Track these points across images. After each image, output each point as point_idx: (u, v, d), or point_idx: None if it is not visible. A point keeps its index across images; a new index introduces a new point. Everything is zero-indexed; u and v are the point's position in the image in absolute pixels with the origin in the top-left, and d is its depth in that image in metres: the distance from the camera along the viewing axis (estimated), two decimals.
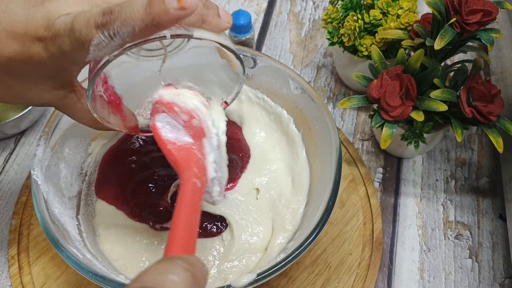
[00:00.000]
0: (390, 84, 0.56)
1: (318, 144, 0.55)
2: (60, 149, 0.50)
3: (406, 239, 0.62)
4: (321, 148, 0.54)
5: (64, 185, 0.50)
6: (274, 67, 0.57)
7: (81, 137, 0.53)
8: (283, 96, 0.59)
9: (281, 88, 0.58)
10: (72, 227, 0.49)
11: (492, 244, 0.62)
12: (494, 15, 0.52)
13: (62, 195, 0.50)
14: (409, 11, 0.62)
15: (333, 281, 0.57)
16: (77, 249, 0.44)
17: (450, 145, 0.70)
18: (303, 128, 0.58)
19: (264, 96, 0.60)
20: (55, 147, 0.50)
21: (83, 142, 0.54)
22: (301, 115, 0.58)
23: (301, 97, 0.56)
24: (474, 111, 0.54)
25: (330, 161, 0.50)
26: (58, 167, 0.50)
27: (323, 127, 0.53)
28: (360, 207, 0.62)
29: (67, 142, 0.51)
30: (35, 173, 0.46)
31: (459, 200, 0.65)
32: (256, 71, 0.58)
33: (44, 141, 0.48)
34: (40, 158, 0.47)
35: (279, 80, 0.57)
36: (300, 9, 0.85)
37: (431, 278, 0.60)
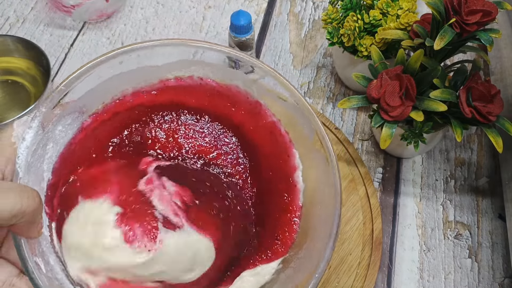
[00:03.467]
0: (390, 84, 0.56)
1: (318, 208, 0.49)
2: (52, 128, 0.46)
3: (405, 239, 0.63)
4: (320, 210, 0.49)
5: (47, 166, 0.46)
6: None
7: (78, 113, 0.49)
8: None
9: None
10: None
11: (491, 244, 0.62)
12: (494, 16, 0.52)
13: (41, 180, 0.46)
14: (409, 11, 0.62)
15: (332, 280, 0.57)
16: (42, 255, 0.41)
17: (449, 145, 0.70)
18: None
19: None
20: (48, 126, 0.45)
21: (79, 118, 0.50)
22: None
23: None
24: (474, 111, 0.54)
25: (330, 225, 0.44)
26: (45, 149, 0.46)
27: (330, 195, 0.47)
28: (360, 207, 0.62)
29: (62, 120, 0.47)
30: (19, 162, 0.41)
31: (459, 200, 0.66)
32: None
33: (38, 123, 0.43)
34: (29, 144, 0.42)
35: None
36: (300, 10, 0.85)
37: (431, 277, 0.60)
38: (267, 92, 0.52)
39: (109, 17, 0.83)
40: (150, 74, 0.53)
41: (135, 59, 0.50)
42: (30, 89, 0.72)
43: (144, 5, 0.85)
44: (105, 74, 0.49)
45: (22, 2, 0.85)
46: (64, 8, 0.78)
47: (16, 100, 0.72)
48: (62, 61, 0.78)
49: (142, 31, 0.82)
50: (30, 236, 0.37)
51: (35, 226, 0.36)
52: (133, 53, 0.49)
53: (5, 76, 0.74)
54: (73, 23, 0.82)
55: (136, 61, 0.50)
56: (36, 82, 0.73)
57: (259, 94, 0.52)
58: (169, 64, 0.52)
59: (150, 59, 0.51)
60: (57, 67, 0.77)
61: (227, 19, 0.83)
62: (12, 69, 0.74)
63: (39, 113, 0.43)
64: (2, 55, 0.74)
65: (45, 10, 0.84)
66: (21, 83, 0.73)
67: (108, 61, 0.48)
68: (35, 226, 0.36)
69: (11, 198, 0.32)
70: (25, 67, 0.74)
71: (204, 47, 0.51)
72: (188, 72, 0.53)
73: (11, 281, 0.36)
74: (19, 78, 0.74)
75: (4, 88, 0.73)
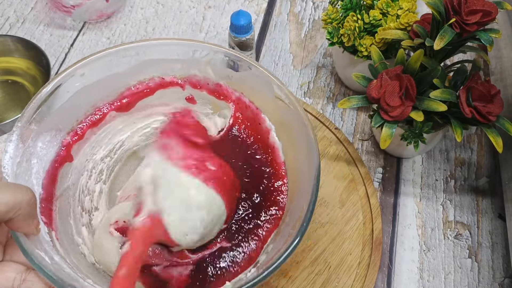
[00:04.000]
0: (390, 84, 0.56)
1: (298, 158, 0.52)
2: (33, 144, 0.48)
3: (405, 239, 0.63)
4: (300, 162, 0.51)
5: (36, 181, 0.48)
6: (260, 73, 0.54)
7: (55, 131, 0.51)
8: (266, 102, 0.55)
9: (265, 95, 0.55)
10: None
11: (491, 243, 0.62)
12: (494, 16, 0.52)
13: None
14: (409, 12, 0.62)
15: (332, 280, 0.57)
16: (45, 252, 0.42)
17: (449, 145, 0.70)
18: (285, 139, 0.54)
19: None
20: (27, 141, 0.47)
21: (57, 136, 0.52)
22: (284, 127, 0.54)
23: (285, 109, 0.52)
24: (474, 111, 0.54)
25: (309, 178, 0.47)
26: (30, 163, 0.48)
27: (306, 140, 0.49)
28: (360, 207, 0.62)
29: (41, 136, 0.49)
30: (6, 171, 0.43)
31: (459, 200, 0.66)
32: (240, 75, 0.55)
33: (17, 137, 0.46)
34: (12, 155, 0.44)
35: (264, 87, 0.54)
36: (300, 10, 0.85)
37: (431, 277, 0.60)
38: (223, 71, 0.55)
39: (109, 17, 0.83)
40: (114, 83, 0.54)
41: (95, 70, 0.52)
42: (30, 89, 0.72)
43: (144, 5, 0.85)
44: (71, 89, 0.50)
45: (22, 2, 0.85)
46: (64, 8, 0.78)
47: (16, 100, 0.72)
48: (62, 61, 0.78)
49: (142, 31, 0.82)
50: (28, 231, 0.38)
51: (32, 221, 0.37)
52: (93, 63, 0.51)
53: (5, 76, 0.74)
54: (73, 23, 0.82)
55: (97, 72, 0.52)
56: (36, 82, 0.73)
57: (217, 76, 0.55)
58: (129, 68, 0.53)
59: (111, 67, 0.52)
60: (57, 67, 0.77)
61: (227, 19, 0.83)
62: (12, 69, 0.74)
63: (16, 128, 0.46)
64: (2, 55, 0.74)
65: (45, 10, 0.84)
66: (21, 83, 0.73)
67: (71, 75, 0.50)
68: (31, 221, 0.37)
69: (7, 192, 0.33)
70: (25, 67, 0.74)
71: (164, 43, 0.53)
72: (148, 74, 0.55)
73: (21, 277, 0.37)
74: (19, 78, 0.74)
75: (4, 88, 0.73)
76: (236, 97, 0.56)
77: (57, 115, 0.50)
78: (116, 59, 0.52)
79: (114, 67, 0.52)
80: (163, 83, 0.56)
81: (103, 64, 0.52)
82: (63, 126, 0.52)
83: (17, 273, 0.37)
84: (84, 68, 0.50)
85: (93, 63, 0.51)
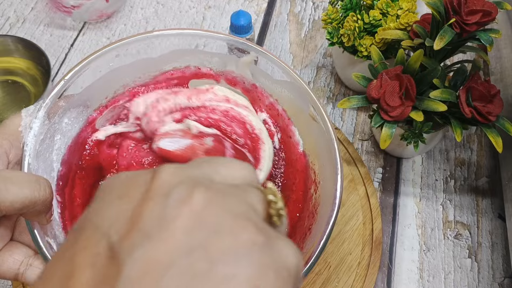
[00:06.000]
0: (390, 84, 0.56)
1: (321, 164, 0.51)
2: (59, 120, 0.47)
3: (405, 239, 0.63)
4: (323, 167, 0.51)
5: (56, 157, 0.48)
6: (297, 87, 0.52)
7: (83, 107, 0.51)
8: (298, 114, 0.54)
9: (298, 106, 0.53)
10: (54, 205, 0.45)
11: (491, 243, 0.62)
12: (494, 16, 0.52)
13: (51, 170, 0.47)
14: (409, 12, 0.62)
15: (332, 280, 0.57)
16: (54, 237, 0.42)
17: (449, 145, 0.70)
18: (311, 153, 0.53)
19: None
20: (54, 118, 0.46)
21: (84, 112, 0.51)
22: (312, 143, 0.53)
23: (317, 127, 0.50)
24: (474, 111, 0.54)
25: (329, 203, 0.45)
26: (53, 140, 0.47)
27: (332, 165, 0.47)
28: (360, 207, 0.62)
29: (68, 112, 0.48)
30: (27, 149, 0.42)
31: (459, 200, 0.66)
32: (277, 82, 0.53)
33: (44, 113, 0.44)
34: (36, 133, 0.43)
35: (299, 100, 0.52)
36: (300, 10, 0.85)
37: (431, 277, 0.60)
38: (261, 74, 0.54)
39: (109, 17, 0.83)
40: (149, 66, 0.54)
41: (132, 52, 0.51)
42: (30, 89, 0.72)
43: (144, 5, 0.85)
44: (104, 68, 0.50)
45: (22, 2, 0.85)
46: (64, 9, 0.78)
47: (16, 100, 0.72)
48: (62, 61, 0.78)
49: (142, 31, 0.82)
50: (40, 222, 0.38)
51: (45, 215, 0.37)
52: (129, 46, 0.50)
53: (5, 76, 0.74)
54: (73, 23, 0.82)
55: (132, 54, 0.51)
56: (36, 82, 0.73)
57: (255, 77, 0.54)
58: (165, 55, 0.53)
59: (147, 51, 0.52)
60: (57, 67, 0.77)
61: (227, 19, 0.83)
62: (12, 69, 0.74)
63: (44, 104, 0.45)
64: (2, 55, 0.74)
65: (45, 10, 0.84)
66: (21, 83, 0.73)
67: (105, 54, 0.49)
68: (44, 215, 0.37)
69: (24, 188, 0.33)
70: (25, 67, 0.74)
71: (203, 35, 0.52)
72: (184, 63, 0.55)
73: (28, 261, 0.37)
74: (19, 78, 0.74)
75: (4, 88, 0.73)
76: (270, 102, 0.55)
77: (87, 92, 0.49)
78: (153, 44, 0.52)
79: (150, 51, 0.52)
80: (198, 73, 0.55)
81: (139, 48, 0.51)
82: (91, 103, 0.52)
83: (25, 257, 0.37)
84: (120, 50, 0.50)
85: (130, 45, 0.50)
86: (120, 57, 0.50)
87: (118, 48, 0.50)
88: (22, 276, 0.37)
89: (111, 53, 0.50)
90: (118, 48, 0.50)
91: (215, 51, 0.54)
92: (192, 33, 0.52)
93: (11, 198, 0.32)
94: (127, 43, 0.50)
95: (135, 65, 0.52)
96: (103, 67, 0.50)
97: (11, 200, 0.32)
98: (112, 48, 0.49)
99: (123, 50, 0.50)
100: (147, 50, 0.52)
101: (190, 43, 0.53)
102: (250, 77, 0.54)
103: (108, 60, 0.50)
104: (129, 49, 0.51)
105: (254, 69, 0.54)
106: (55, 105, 0.46)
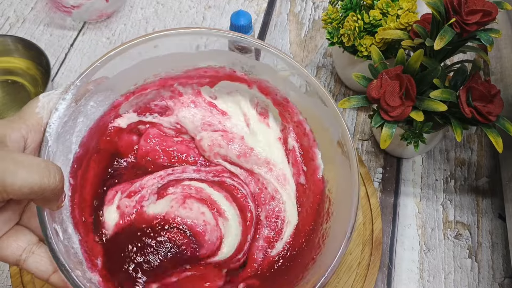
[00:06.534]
0: (390, 84, 0.56)
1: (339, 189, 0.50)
2: (85, 103, 0.46)
3: (405, 239, 0.63)
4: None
5: (75, 139, 0.47)
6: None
7: (110, 91, 0.50)
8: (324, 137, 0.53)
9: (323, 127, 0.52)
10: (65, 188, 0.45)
11: (491, 243, 0.62)
12: (494, 15, 0.52)
13: (68, 151, 0.47)
14: (409, 11, 0.62)
15: (332, 280, 0.57)
16: (61, 222, 0.42)
17: (449, 145, 0.70)
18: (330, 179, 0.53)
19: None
20: (80, 101, 0.45)
21: (111, 96, 0.51)
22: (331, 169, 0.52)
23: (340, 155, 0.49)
24: (474, 111, 0.54)
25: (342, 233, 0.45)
26: (76, 122, 0.46)
27: (350, 198, 0.47)
28: (360, 207, 0.62)
29: (94, 96, 0.48)
30: (50, 131, 0.41)
31: (459, 200, 0.66)
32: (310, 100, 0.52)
33: (72, 96, 0.43)
34: (61, 115, 0.42)
35: (328, 124, 0.51)
36: (300, 10, 0.85)
37: (431, 277, 0.60)
38: (295, 89, 0.53)
39: (109, 17, 0.83)
40: (184, 61, 0.53)
41: (169, 45, 0.51)
42: (30, 89, 0.72)
43: (144, 5, 0.85)
44: (138, 57, 0.49)
45: (22, 2, 0.85)
46: (64, 8, 0.78)
47: (16, 100, 0.72)
48: (62, 61, 0.78)
49: (142, 31, 0.82)
50: (49, 208, 0.38)
51: (55, 202, 0.37)
52: (168, 38, 0.50)
53: (5, 76, 0.74)
54: (73, 23, 0.82)
55: (170, 47, 0.51)
56: (36, 82, 0.73)
57: (287, 92, 0.53)
58: (202, 52, 0.52)
59: (186, 47, 0.51)
60: (57, 67, 0.77)
61: (227, 19, 0.83)
62: (12, 69, 0.74)
63: (74, 86, 0.44)
64: (2, 55, 0.74)
65: (45, 10, 0.84)
66: (21, 83, 0.73)
67: (142, 43, 0.49)
68: (54, 202, 0.37)
69: (34, 175, 0.32)
70: (25, 67, 0.74)
71: (247, 40, 0.52)
72: (220, 63, 0.54)
73: (30, 249, 0.37)
74: (19, 78, 0.74)
75: (4, 88, 0.73)
76: (299, 119, 0.54)
77: (118, 77, 0.49)
78: (192, 40, 0.51)
79: (188, 47, 0.52)
80: (232, 75, 0.55)
81: (179, 42, 0.51)
82: (119, 88, 0.51)
83: (28, 244, 0.37)
84: (159, 40, 0.49)
85: (171, 38, 0.50)
86: (158, 48, 0.50)
87: (158, 38, 0.49)
88: (24, 263, 0.37)
89: (149, 43, 0.49)
90: (158, 39, 0.49)
91: (250, 57, 0.53)
92: (231, 36, 0.51)
93: (19, 182, 0.31)
94: (168, 35, 0.50)
95: (170, 57, 0.52)
96: (137, 56, 0.49)
97: (20, 184, 0.32)
98: (153, 37, 0.49)
99: (161, 42, 0.50)
100: (186, 46, 0.51)
101: (226, 45, 0.53)
102: (284, 91, 0.54)
103: (144, 50, 0.49)
104: (169, 41, 0.50)
105: (289, 85, 0.53)
106: (84, 89, 0.45)
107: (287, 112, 0.55)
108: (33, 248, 0.38)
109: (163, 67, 0.53)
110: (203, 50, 0.52)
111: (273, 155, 0.56)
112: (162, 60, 0.51)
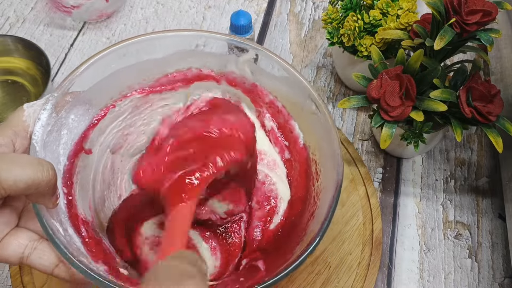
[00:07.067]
0: (390, 84, 0.56)
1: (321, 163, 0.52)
2: (65, 115, 0.48)
3: (405, 239, 0.63)
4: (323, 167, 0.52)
5: (63, 151, 0.49)
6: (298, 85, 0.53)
7: (89, 105, 0.51)
8: (297, 108, 0.55)
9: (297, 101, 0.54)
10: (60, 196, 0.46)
11: (491, 243, 0.62)
12: (494, 15, 0.52)
13: (58, 163, 0.48)
14: (409, 11, 0.62)
15: (332, 280, 0.57)
16: (60, 223, 0.42)
17: (449, 145, 0.70)
18: (312, 144, 0.54)
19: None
20: (61, 112, 0.47)
21: (90, 111, 0.52)
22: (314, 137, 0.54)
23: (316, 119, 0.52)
24: (474, 111, 0.54)
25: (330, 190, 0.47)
26: (60, 133, 0.48)
27: (331, 154, 0.48)
28: (360, 207, 0.62)
29: (74, 109, 0.49)
30: (35, 138, 0.43)
31: (459, 200, 0.66)
32: (277, 78, 0.55)
33: (51, 106, 0.45)
34: (44, 123, 0.44)
35: (299, 95, 0.53)
36: (300, 10, 0.85)
37: (431, 277, 0.60)
38: (261, 72, 0.54)
39: (109, 17, 0.83)
40: (152, 68, 0.54)
41: (136, 53, 0.51)
42: (30, 89, 0.72)
43: (144, 5, 0.85)
44: (109, 68, 0.50)
45: (22, 2, 0.85)
46: (64, 8, 0.78)
47: (16, 100, 0.72)
48: (62, 61, 0.78)
49: (142, 31, 0.82)
50: (45, 205, 0.39)
51: (50, 197, 0.38)
52: (133, 46, 0.51)
53: (5, 76, 0.74)
54: (73, 23, 0.82)
55: (137, 55, 0.52)
56: (36, 82, 0.73)
57: (254, 76, 0.54)
58: (168, 56, 0.53)
59: (150, 52, 0.52)
60: (57, 67, 0.77)
61: (227, 19, 0.83)
62: (12, 69, 0.74)
63: (52, 97, 0.46)
64: (2, 55, 0.74)
65: (45, 10, 0.84)
66: (21, 83, 0.73)
67: (111, 53, 0.50)
68: (49, 197, 0.38)
69: (28, 170, 0.34)
70: (25, 67, 0.74)
71: (205, 36, 0.53)
72: (186, 64, 0.55)
73: (32, 245, 0.38)
74: (19, 78, 0.74)
75: (4, 88, 0.73)
76: (270, 100, 0.55)
77: (93, 90, 0.50)
78: (157, 44, 0.52)
79: (153, 52, 0.53)
80: (200, 75, 0.55)
81: (144, 48, 0.52)
82: (97, 102, 0.52)
83: (29, 241, 0.38)
84: (126, 49, 0.50)
85: (134, 45, 0.51)
86: (126, 56, 0.51)
87: (123, 48, 0.50)
88: (27, 259, 0.38)
89: (118, 51, 0.50)
90: (123, 48, 0.50)
91: (215, 51, 0.54)
92: (191, 34, 0.52)
93: (15, 178, 0.33)
94: (132, 43, 0.51)
95: (139, 66, 0.53)
96: (107, 67, 0.50)
97: (14, 180, 0.33)
98: (119, 47, 0.50)
99: (127, 50, 0.51)
100: (149, 50, 0.52)
101: (190, 43, 0.53)
102: (250, 75, 0.55)
103: (113, 60, 0.50)
104: (133, 49, 0.51)
105: (254, 67, 0.54)
106: (61, 100, 0.46)
107: (257, 97, 0.56)
108: (35, 244, 0.38)
109: (135, 78, 0.54)
110: (167, 54, 0.53)
111: (259, 143, 0.56)
112: (131, 70, 0.52)
